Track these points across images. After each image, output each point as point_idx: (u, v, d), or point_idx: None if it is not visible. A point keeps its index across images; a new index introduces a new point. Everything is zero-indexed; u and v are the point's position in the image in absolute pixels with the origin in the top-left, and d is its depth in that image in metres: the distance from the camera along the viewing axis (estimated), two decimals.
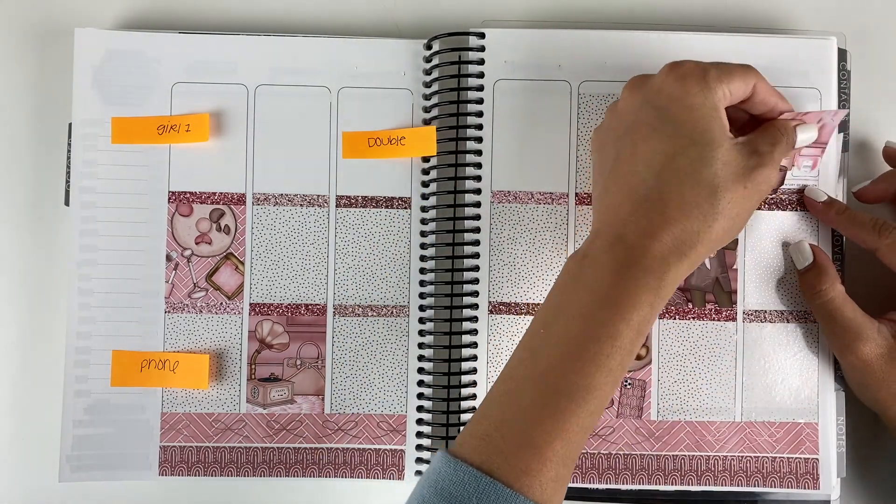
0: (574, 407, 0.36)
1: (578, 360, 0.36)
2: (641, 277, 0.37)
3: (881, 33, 0.51)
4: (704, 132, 0.39)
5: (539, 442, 0.35)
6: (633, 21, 0.51)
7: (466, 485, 0.34)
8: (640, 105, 0.41)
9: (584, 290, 0.38)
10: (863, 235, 0.46)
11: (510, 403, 0.37)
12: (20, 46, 0.51)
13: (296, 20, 0.51)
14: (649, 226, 0.38)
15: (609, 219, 0.40)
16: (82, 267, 0.48)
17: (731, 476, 0.47)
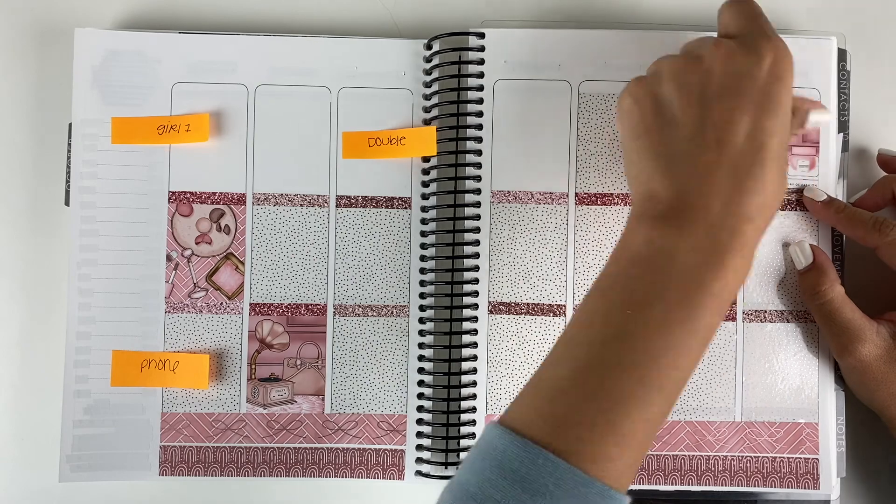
0: (661, 397, 0.34)
1: (674, 354, 0.34)
2: (738, 262, 0.35)
3: (881, 33, 0.51)
4: (787, 116, 0.37)
5: (624, 431, 0.33)
6: (633, 21, 0.51)
7: (541, 468, 0.32)
8: (744, 72, 0.37)
9: (682, 275, 0.35)
10: (863, 233, 0.45)
11: (592, 390, 0.34)
12: (20, 46, 0.51)
13: (296, 20, 0.51)
14: (750, 209, 0.36)
15: (703, 189, 0.36)
16: (82, 267, 0.48)
17: (731, 476, 0.47)
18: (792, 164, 0.48)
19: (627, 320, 0.35)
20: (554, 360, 0.36)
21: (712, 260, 0.35)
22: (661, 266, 0.36)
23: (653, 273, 0.36)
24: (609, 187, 0.48)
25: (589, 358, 0.35)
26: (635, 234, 0.37)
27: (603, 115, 0.48)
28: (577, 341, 0.36)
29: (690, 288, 0.35)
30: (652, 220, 0.37)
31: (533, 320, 0.48)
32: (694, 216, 0.36)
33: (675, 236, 0.36)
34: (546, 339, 0.48)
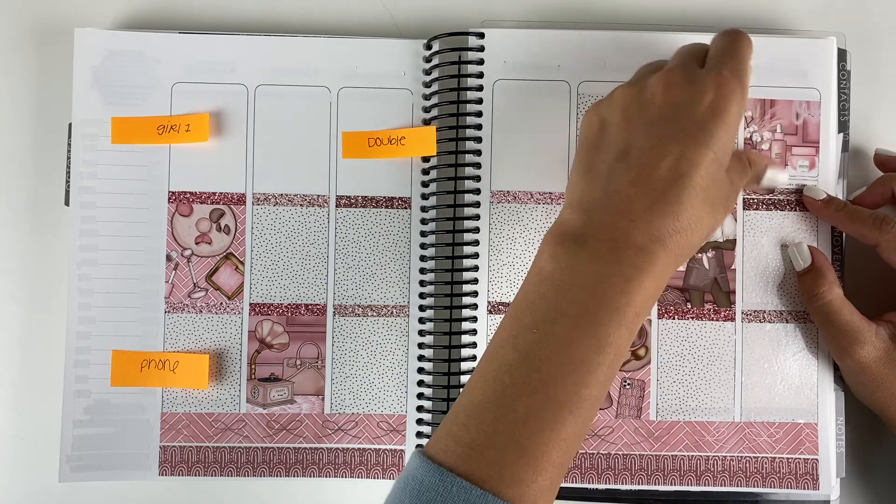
0: (573, 417, 0.34)
1: (581, 371, 0.34)
2: (645, 282, 0.35)
3: (881, 33, 0.51)
4: (725, 153, 0.37)
5: (535, 453, 0.34)
6: (633, 21, 0.51)
7: (455, 496, 0.32)
8: (682, 103, 0.37)
9: (584, 289, 0.35)
10: (863, 231, 0.45)
11: (502, 413, 0.34)
12: (20, 46, 0.51)
13: (296, 20, 0.51)
14: (661, 231, 0.36)
15: (613, 207, 0.36)
16: (82, 267, 0.48)
17: (731, 476, 0.47)
18: (792, 164, 0.48)
19: (533, 340, 0.35)
20: (470, 386, 0.36)
21: (615, 274, 0.35)
22: (564, 281, 0.36)
23: (556, 290, 0.36)
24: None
25: (498, 380, 0.35)
26: (543, 251, 0.37)
27: None
28: (489, 365, 0.36)
29: (592, 303, 0.35)
30: (560, 237, 0.37)
31: None
32: (599, 231, 0.36)
33: (578, 250, 0.36)
34: None
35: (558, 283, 0.36)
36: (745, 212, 0.48)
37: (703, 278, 0.48)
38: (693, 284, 0.48)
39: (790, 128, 0.48)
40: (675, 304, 0.48)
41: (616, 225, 0.36)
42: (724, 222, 0.45)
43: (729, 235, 0.48)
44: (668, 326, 0.48)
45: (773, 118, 0.48)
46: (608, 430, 0.47)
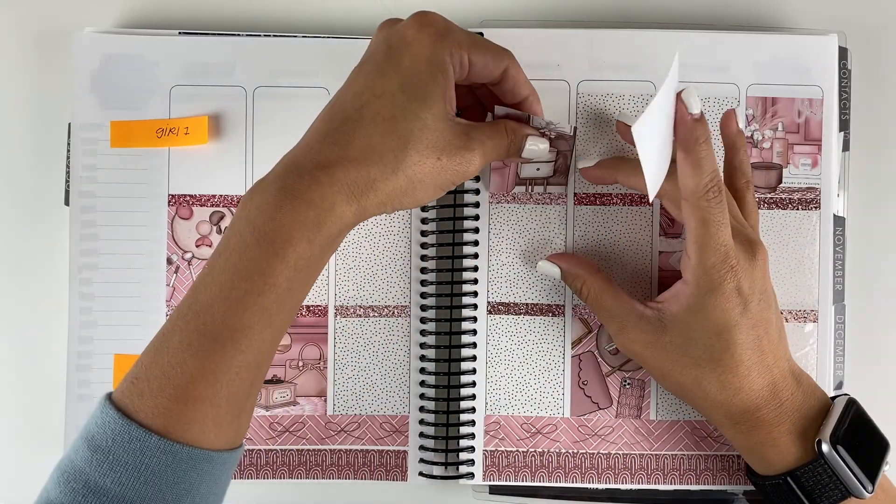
0: (220, 347, 0.33)
1: (229, 299, 0.33)
2: (301, 210, 0.34)
3: (882, 32, 0.49)
4: (420, 87, 0.36)
5: (180, 383, 0.33)
6: (633, 20, 0.49)
7: (106, 427, 0.33)
8: (378, 42, 0.38)
9: (245, 220, 0.34)
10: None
11: (162, 344, 0.34)
12: (20, 47, 0.49)
13: (295, 20, 0.49)
14: (328, 158, 0.35)
15: (300, 143, 0.37)
16: (83, 271, 0.46)
17: (731, 475, 0.46)
18: (794, 163, 0.46)
19: (203, 273, 0.35)
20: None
21: (272, 203, 0.34)
22: (238, 216, 0.35)
23: (230, 226, 0.35)
24: (607, 187, 0.46)
25: (171, 317, 0.35)
26: None
27: (602, 114, 0.46)
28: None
29: (248, 232, 0.34)
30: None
31: (532, 320, 0.46)
32: (278, 166, 0.36)
33: (255, 188, 0.35)
34: (545, 338, 0.46)
35: (234, 219, 0.35)
36: None
37: None
38: None
39: (792, 126, 0.46)
40: None
41: (292, 157, 0.36)
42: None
43: None
44: None
45: (775, 116, 0.46)
46: (608, 429, 0.46)
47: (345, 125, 0.36)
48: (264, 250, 0.34)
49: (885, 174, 0.49)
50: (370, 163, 0.35)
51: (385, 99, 0.36)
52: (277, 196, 0.34)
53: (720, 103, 0.46)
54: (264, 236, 0.34)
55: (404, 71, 0.36)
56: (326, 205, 0.34)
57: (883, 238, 0.48)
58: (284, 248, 0.34)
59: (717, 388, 0.40)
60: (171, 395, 0.33)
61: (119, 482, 0.32)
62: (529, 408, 0.46)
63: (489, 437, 0.46)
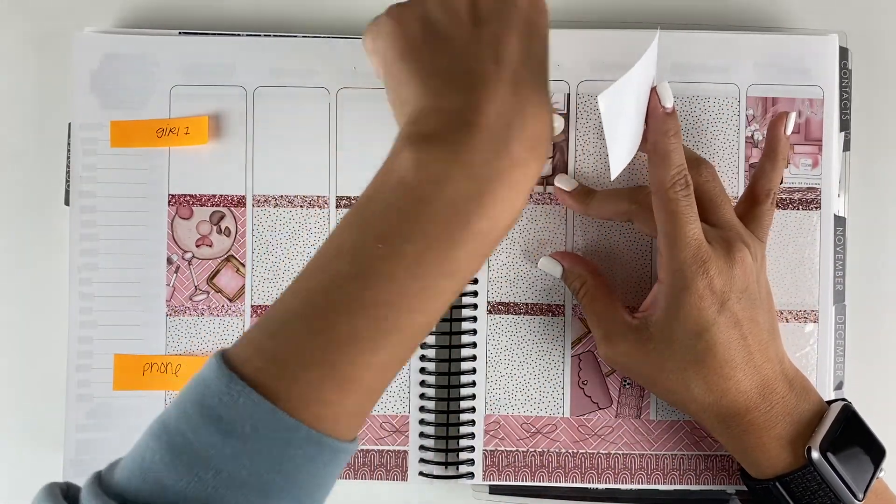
0: (399, 343, 0.30)
1: (423, 297, 0.29)
2: (517, 203, 0.31)
3: (883, 32, 0.48)
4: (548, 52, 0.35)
5: (347, 375, 0.29)
6: (633, 20, 0.48)
7: (241, 407, 0.27)
8: (509, 1, 0.34)
9: (450, 205, 0.29)
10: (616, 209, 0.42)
11: (321, 328, 0.29)
12: (20, 47, 0.48)
13: (295, 20, 0.48)
14: (527, 131, 0.31)
15: (475, 100, 0.31)
16: (83, 271, 0.46)
17: (731, 475, 0.45)
18: (794, 162, 0.45)
19: (377, 256, 0.29)
20: (290, 292, 0.30)
21: (488, 190, 0.30)
22: (428, 195, 0.30)
23: (416, 202, 0.30)
24: (608, 187, 0.46)
25: (326, 292, 0.29)
26: (401, 157, 0.31)
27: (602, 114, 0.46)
28: (318, 272, 0.30)
29: (455, 223, 0.30)
30: (422, 140, 0.30)
31: (532, 320, 0.45)
32: (473, 139, 0.30)
33: (449, 160, 0.30)
34: (545, 338, 0.45)
35: (420, 195, 0.30)
36: None
37: None
38: None
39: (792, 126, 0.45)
40: None
41: (493, 133, 0.30)
42: None
43: None
44: None
45: None
46: (608, 429, 0.45)
47: (536, 86, 0.32)
48: (473, 252, 0.30)
49: (886, 174, 0.48)
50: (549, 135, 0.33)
51: (546, 63, 0.34)
52: (492, 187, 0.30)
53: (720, 103, 0.46)
54: (477, 234, 0.30)
55: (546, 38, 0.35)
56: (527, 192, 0.32)
57: (883, 238, 0.48)
58: (492, 247, 0.31)
59: (704, 390, 0.39)
60: (334, 387, 0.29)
61: (257, 473, 0.27)
62: (529, 407, 0.45)
63: (489, 436, 0.45)
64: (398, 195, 0.30)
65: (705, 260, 0.38)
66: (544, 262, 0.44)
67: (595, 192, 0.44)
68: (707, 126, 0.46)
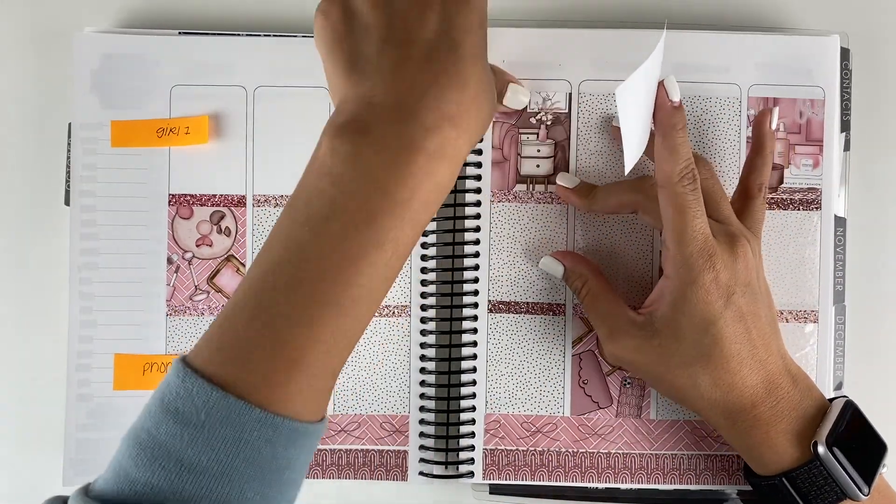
0: (339, 316, 0.30)
1: (354, 269, 0.30)
2: (439, 169, 0.31)
3: (883, 33, 0.48)
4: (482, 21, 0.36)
5: (290, 353, 0.30)
6: (634, 20, 0.48)
7: (195, 397, 0.29)
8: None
9: (366, 182, 0.31)
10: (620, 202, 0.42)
11: (258, 312, 0.30)
12: (20, 47, 0.48)
13: (295, 20, 0.48)
14: (449, 106, 0.32)
15: (397, 87, 0.32)
16: (83, 270, 0.45)
17: (731, 475, 0.45)
18: (795, 163, 0.45)
19: (304, 238, 0.31)
20: (237, 288, 0.32)
21: (402, 163, 0.31)
22: (344, 175, 0.31)
23: (334, 184, 0.31)
24: None
25: (263, 278, 0.31)
26: (321, 147, 0.32)
27: (603, 114, 0.45)
28: (255, 267, 0.32)
29: (374, 196, 0.31)
30: (336, 128, 0.32)
31: (532, 319, 0.45)
32: (381, 116, 0.31)
33: (359, 141, 0.31)
34: (545, 337, 0.45)
35: (337, 176, 0.31)
36: None
37: None
38: None
39: (793, 126, 0.45)
40: None
41: (400, 106, 0.31)
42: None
43: None
44: None
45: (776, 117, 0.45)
46: (608, 429, 0.45)
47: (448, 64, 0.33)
48: (398, 218, 0.31)
49: (887, 175, 0.48)
50: (482, 107, 0.34)
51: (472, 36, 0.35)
52: (407, 156, 0.31)
53: (721, 103, 0.45)
54: (398, 203, 0.31)
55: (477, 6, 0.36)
56: (457, 161, 0.33)
57: (884, 238, 0.47)
58: (419, 216, 0.32)
59: (711, 385, 0.39)
60: (277, 368, 0.30)
61: (217, 459, 0.29)
62: (529, 407, 0.45)
63: (489, 435, 0.45)
64: (318, 180, 0.32)
65: (712, 254, 0.38)
66: (545, 261, 0.44)
67: (598, 187, 0.44)
68: (708, 126, 0.45)
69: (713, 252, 0.38)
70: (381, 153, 0.31)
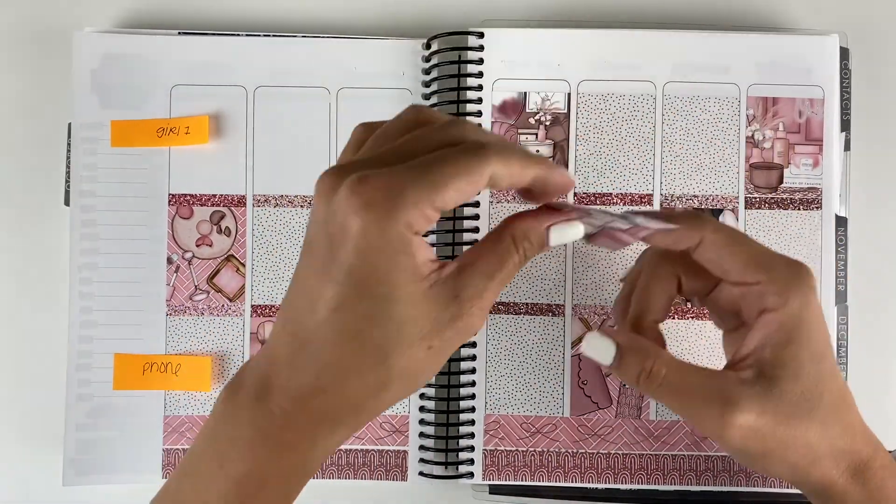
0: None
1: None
2: (283, 455, 0.29)
3: (883, 32, 0.48)
4: (380, 282, 0.27)
5: None
6: (634, 20, 0.48)
7: None
8: (317, 230, 0.29)
9: (215, 455, 0.29)
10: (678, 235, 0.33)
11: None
12: (20, 47, 0.48)
13: (295, 20, 0.48)
14: (300, 388, 0.28)
15: (267, 359, 0.29)
16: (83, 270, 0.45)
17: (731, 476, 0.44)
18: (795, 163, 0.45)
19: (170, 488, 0.32)
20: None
21: (245, 437, 0.29)
22: (209, 426, 0.30)
23: (202, 435, 0.30)
24: (608, 187, 0.45)
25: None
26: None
27: (602, 114, 0.45)
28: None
29: (221, 460, 0.29)
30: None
31: (532, 320, 0.45)
32: (249, 377, 0.30)
33: (231, 395, 0.30)
34: (545, 338, 0.45)
35: (207, 430, 0.30)
36: (746, 211, 0.45)
37: None
38: None
39: (793, 126, 0.45)
40: (675, 303, 0.45)
41: (261, 378, 0.29)
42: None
43: None
44: (667, 326, 0.45)
45: (776, 116, 0.45)
46: (608, 429, 0.45)
47: (310, 347, 0.28)
48: (240, 492, 0.29)
49: (887, 174, 0.47)
50: (351, 389, 0.28)
51: (343, 311, 0.28)
52: (253, 431, 0.29)
53: (721, 103, 0.45)
54: (235, 480, 0.29)
55: (355, 272, 0.27)
56: (308, 443, 0.29)
57: (885, 238, 0.47)
58: (263, 493, 0.29)
59: (840, 431, 0.32)
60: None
61: None
62: (529, 407, 0.45)
63: (489, 436, 0.45)
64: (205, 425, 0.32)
65: (799, 267, 0.33)
66: (592, 342, 0.34)
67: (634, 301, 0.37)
68: (707, 126, 0.45)
69: (799, 265, 0.33)
70: (236, 426, 0.30)
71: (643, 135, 0.45)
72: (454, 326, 0.29)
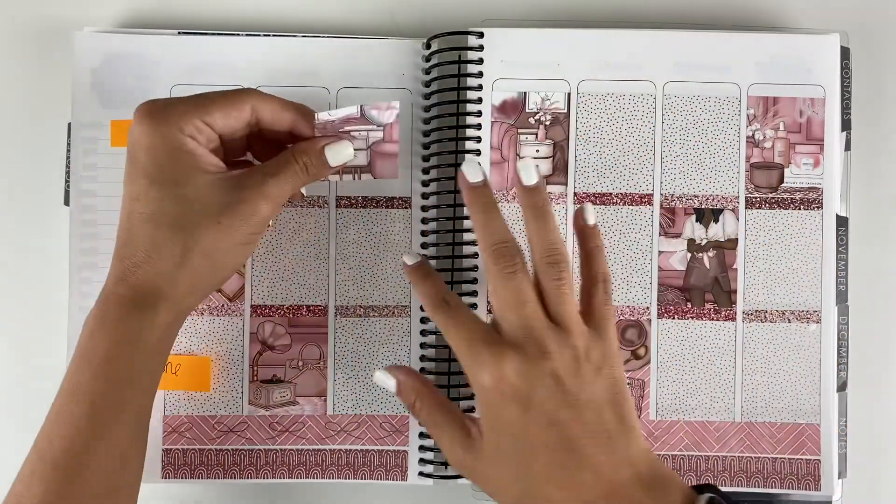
0: (63, 476, 0.35)
1: (60, 423, 0.36)
2: (117, 328, 0.36)
3: (884, 32, 0.47)
4: (168, 172, 0.36)
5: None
6: (634, 20, 0.47)
7: None
8: (127, 150, 0.37)
9: (84, 337, 0.37)
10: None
11: (20, 473, 0.37)
12: (20, 46, 0.48)
13: (295, 20, 0.48)
14: (122, 272, 0.37)
15: (113, 255, 0.38)
16: (83, 270, 0.45)
17: (731, 476, 0.44)
18: (796, 162, 0.45)
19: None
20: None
21: (89, 327, 0.37)
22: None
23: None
24: (607, 187, 0.45)
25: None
26: None
27: (602, 114, 0.45)
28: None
29: (76, 353, 0.37)
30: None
31: None
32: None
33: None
34: None
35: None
36: (747, 211, 0.45)
37: (703, 278, 0.45)
38: (693, 284, 0.45)
39: (793, 125, 0.45)
40: (674, 303, 0.45)
41: (108, 275, 0.38)
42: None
43: (731, 235, 0.45)
44: (667, 326, 0.45)
45: (777, 116, 0.45)
46: None
47: (126, 237, 0.37)
48: (82, 371, 0.36)
49: (888, 174, 0.47)
50: (160, 261, 0.36)
51: (142, 200, 0.36)
52: (96, 319, 0.36)
53: (721, 103, 0.45)
54: (81, 355, 0.36)
55: (147, 168, 0.36)
56: (141, 317, 0.36)
57: (886, 238, 0.47)
58: (105, 370, 0.35)
59: (515, 475, 0.36)
60: None
61: None
62: None
63: None
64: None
65: (501, 353, 0.36)
66: (378, 376, 0.40)
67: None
68: (708, 126, 0.45)
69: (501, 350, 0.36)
70: (92, 320, 0.38)
71: (643, 135, 0.45)
72: (239, 209, 0.36)
